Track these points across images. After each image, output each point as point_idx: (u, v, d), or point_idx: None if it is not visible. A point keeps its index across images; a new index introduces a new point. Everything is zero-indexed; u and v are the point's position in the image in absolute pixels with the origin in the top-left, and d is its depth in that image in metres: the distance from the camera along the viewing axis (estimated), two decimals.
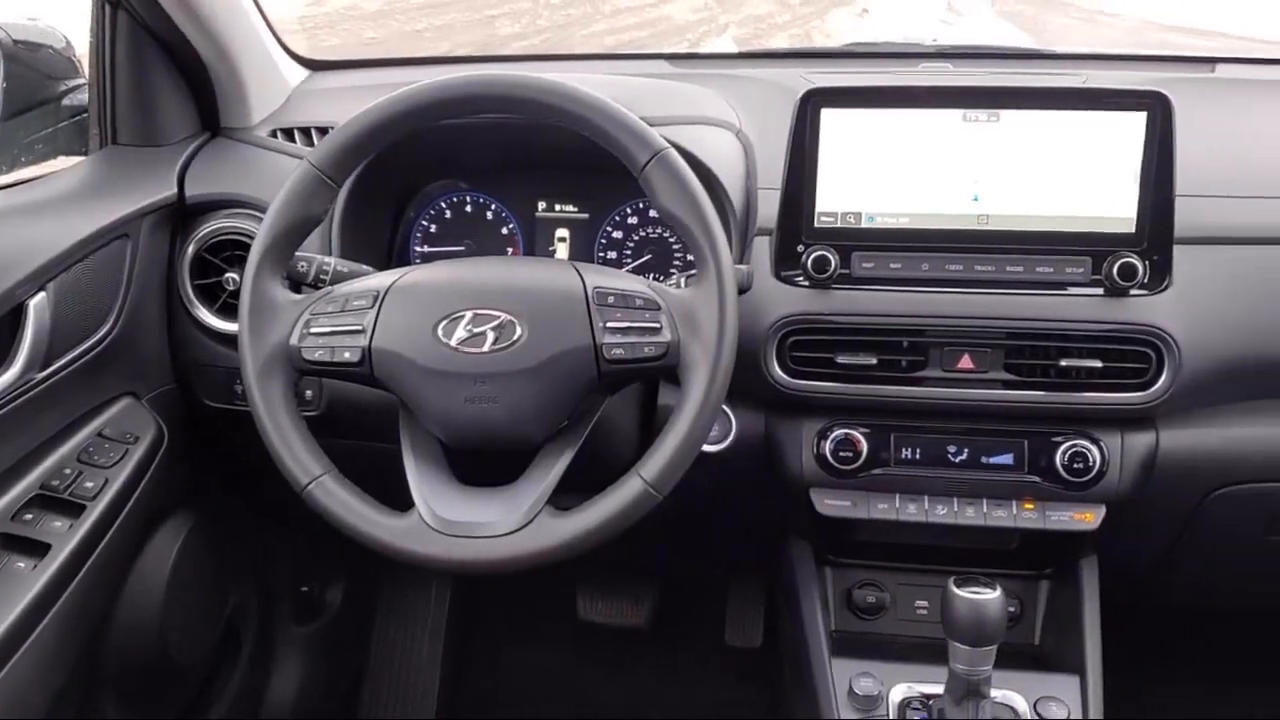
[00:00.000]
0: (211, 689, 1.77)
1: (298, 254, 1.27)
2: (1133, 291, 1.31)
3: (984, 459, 1.37)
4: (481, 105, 1.20)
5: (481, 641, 2.22)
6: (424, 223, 1.60)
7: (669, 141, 1.19)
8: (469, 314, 1.17)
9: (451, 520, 1.15)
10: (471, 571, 1.17)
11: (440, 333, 1.17)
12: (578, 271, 1.20)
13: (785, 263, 1.38)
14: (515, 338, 1.16)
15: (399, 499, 1.19)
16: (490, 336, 1.16)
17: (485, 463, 1.22)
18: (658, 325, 1.17)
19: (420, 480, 1.19)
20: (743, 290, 1.29)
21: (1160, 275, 1.32)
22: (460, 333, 1.17)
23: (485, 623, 2.23)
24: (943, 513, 1.39)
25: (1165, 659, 1.97)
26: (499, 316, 1.17)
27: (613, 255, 1.56)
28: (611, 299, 1.18)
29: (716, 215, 1.18)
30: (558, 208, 1.58)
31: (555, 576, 2.09)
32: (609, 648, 2.17)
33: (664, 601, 2.13)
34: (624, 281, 1.21)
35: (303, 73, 1.76)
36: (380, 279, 1.23)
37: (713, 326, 1.16)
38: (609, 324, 1.16)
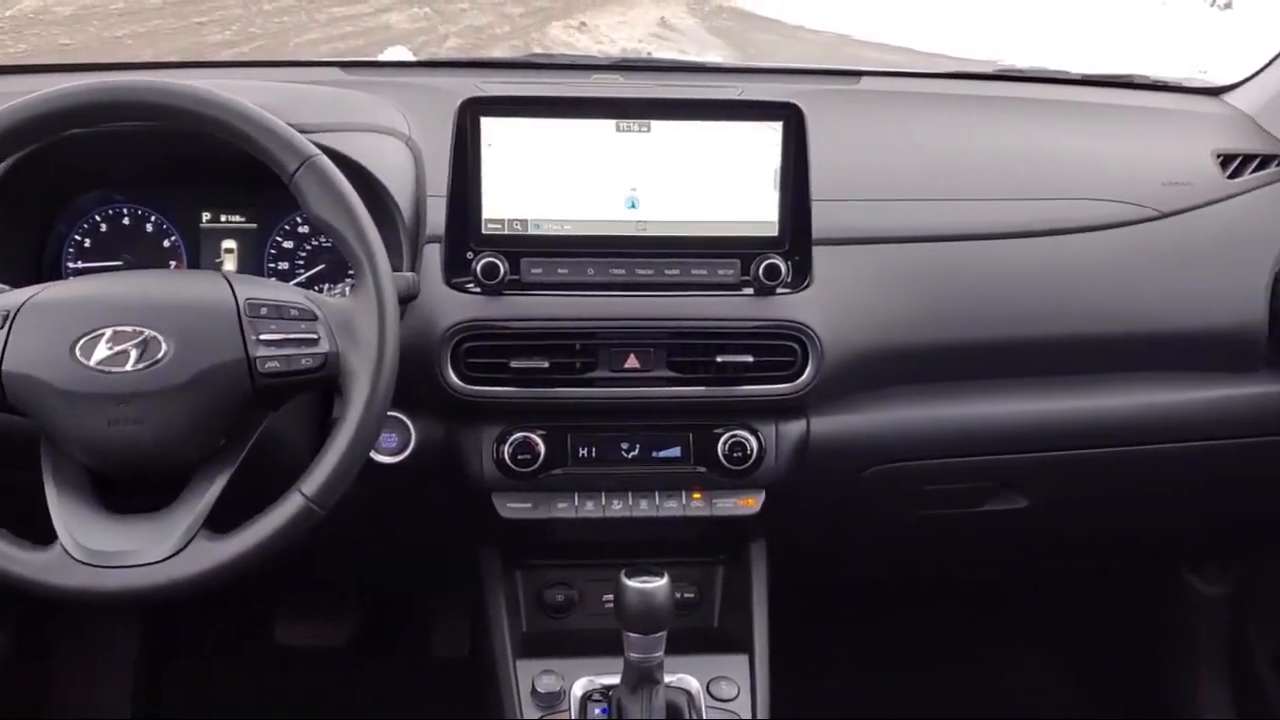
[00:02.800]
0: None
1: None
2: (778, 290, 1.40)
3: (654, 453, 1.43)
4: (112, 113, 1.15)
5: (175, 676, 2.11)
6: (77, 238, 1.51)
7: (324, 148, 1.18)
8: (109, 331, 1.12)
9: (97, 550, 1.10)
10: (123, 603, 1.12)
11: (78, 352, 1.11)
12: (229, 283, 1.17)
13: (455, 270, 1.39)
14: (160, 355, 1.12)
15: (49, 532, 1.12)
16: (133, 354, 1.11)
17: (140, 488, 1.17)
18: (315, 336, 1.16)
19: (63, 509, 1.12)
20: (408, 298, 1.29)
21: (802, 274, 1.41)
22: (100, 351, 1.11)
23: (178, 656, 2.12)
24: (618, 507, 1.44)
25: (840, 630, 2.11)
26: (142, 333, 1.12)
27: (284, 266, 1.53)
28: (265, 310, 1.15)
29: (372, 222, 1.18)
30: (224, 218, 1.53)
31: (250, 601, 2.02)
32: (311, 671, 2.11)
33: (368, 618, 2.09)
34: (278, 292, 1.19)
35: None
36: (11, 297, 1.16)
37: (372, 335, 1.15)
38: (262, 336, 1.14)
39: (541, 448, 1.40)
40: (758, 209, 1.40)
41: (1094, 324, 1.53)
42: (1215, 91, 1.82)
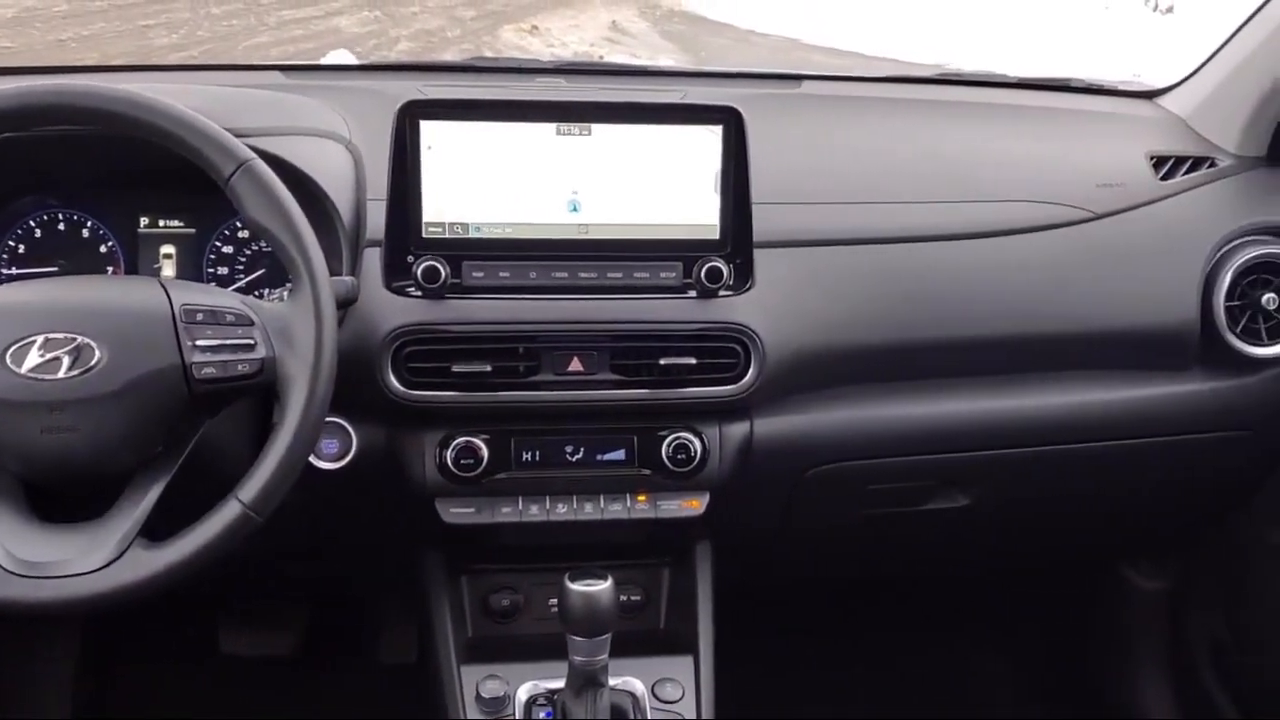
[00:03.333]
0: None
1: None
2: (720, 293, 1.40)
3: (599, 456, 1.43)
4: (46, 117, 1.14)
5: (115, 690, 2.08)
6: (11, 244, 1.49)
7: (262, 152, 1.18)
8: (40, 338, 1.10)
9: (31, 560, 1.08)
10: (58, 613, 1.11)
11: (9, 360, 1.10)
12: (164, 288, 1.16)
13: (396, 273, 1.38)
14: (94, 362, 1.10)
15: None
16: (65, 361, 1.10)
17: (74, 496, 1.16)
18: (251, 341, 1.15)
19: None
20: (347, 302, 1.28)
21: (744, 277, 1.42)
22: (32, 359, 1.10)
23: (119, 668, 2.09)
24: (563, 511, 1.44)
25: (790, 631, 2.12)
26: (74, 339, 1.11)
27: (224, 271, 1.51)
28: (200, 316, 1.14)
29: (309, 226, 1.17)
30: (162, 223, 1.51)
31: (192, 609, 1.99)
32: (257, 682, 2.08)
33: (314, 626, 2.07)
34: (214, 297, 1.18)
35: None
36: None
37: (309, 340, 1.15)
38: (198, 342, 1.13)
39: (485, 452, 1.40)
40: (699, 212, 1.41)
41: (1032, 324, 1.55)
42: (1149, 95, 1.85)
